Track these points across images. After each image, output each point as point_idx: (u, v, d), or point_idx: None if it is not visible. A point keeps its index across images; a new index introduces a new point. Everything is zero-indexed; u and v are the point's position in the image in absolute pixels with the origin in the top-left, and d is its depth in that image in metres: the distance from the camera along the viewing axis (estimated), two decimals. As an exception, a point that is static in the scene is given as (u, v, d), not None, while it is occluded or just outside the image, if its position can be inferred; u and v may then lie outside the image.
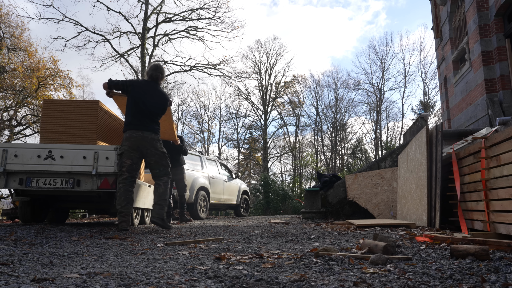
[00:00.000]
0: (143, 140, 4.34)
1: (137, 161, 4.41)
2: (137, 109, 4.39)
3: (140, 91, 4.43)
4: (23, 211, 5.28)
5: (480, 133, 5.17)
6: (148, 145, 4.37)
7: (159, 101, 4.52)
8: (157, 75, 4.57)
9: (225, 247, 3.06)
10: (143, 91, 4.44)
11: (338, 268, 2.03)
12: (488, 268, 1.88)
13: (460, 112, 10.48)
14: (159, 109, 4.52)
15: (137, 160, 4.40)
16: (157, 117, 4.53)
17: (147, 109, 4.40)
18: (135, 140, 4.33)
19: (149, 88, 4.49)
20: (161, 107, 4.55)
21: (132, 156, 4.35)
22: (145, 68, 19.25)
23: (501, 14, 8.22)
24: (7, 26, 19.78)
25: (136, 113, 4.39)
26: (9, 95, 19.96)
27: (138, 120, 4.37)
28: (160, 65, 4.66)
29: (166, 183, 4.43)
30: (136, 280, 1.75)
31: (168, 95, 4.71)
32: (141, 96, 4.40)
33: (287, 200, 17.63)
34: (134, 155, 4.36)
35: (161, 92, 4.61)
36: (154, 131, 4.42)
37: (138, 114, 4.38)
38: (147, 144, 4.36)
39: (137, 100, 4.39)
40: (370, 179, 6.59)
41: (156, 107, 4.49)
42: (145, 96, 4.41)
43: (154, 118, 4.49)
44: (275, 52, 32.63)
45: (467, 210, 3.80)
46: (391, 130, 31.32)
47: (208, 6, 19.56)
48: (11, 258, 2.36)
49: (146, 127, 4.37)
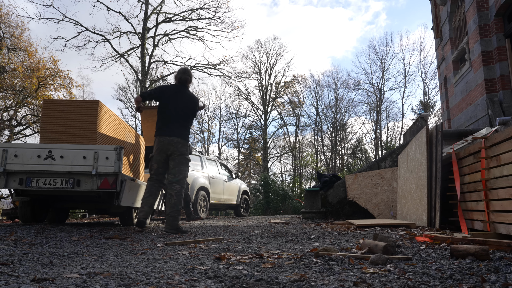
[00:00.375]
0: (169, 144, 4.45)
1: (163, 165, 4.56)
2: (166, 115, 4.50)
3: (169, 96, 4.52)
4: (23, 211, 5.28)
5: (480, 133, 5.17)
6: (173, 148, 4.45)
7: (188, 104, 4.58)
8: (185, 78, 4.65)
9: (225, 247, 3.06)
10: (172, 95, 4.53)
11: (338, 268, 2.03)
12: (488, 268, 1.88)
13: (460, 112, 10.48)
14: (188, 112, 4.57)
15: (163, 164, 4.55)
16: (186, 121, 4.57)
17: (176, 114, 4.49)
18: (162, 144, 4.47)
19: (178, 92, 4.57)
20: (191, 109, 4.60)
21: (158, 161, 4.53)
22: (145, 68, 19.24)
23: (501, 14, 8.21)
24: (7, 26, 19.78)
25: (164, 118, 4.50)
26: (9, 95, 19.96)
27: (167, 126, 4.48)
28: (188, 69, 4.78)
29: (178, 193, 4.39)
30: (136, 280, 1.75)
31: (197, 98, 4.77)
32: (170, 101, 4.49)
33: (287, 200, 17.63)
34: (160, 159, 4.52)
35: (190, 95, 4.68)
36: (181, 136, 4.48)
37: (166, 120, 4.49)
38: (172, 147, 4.45)
39: (166, 105, 4.50)
40: (370, 179, 6.59)
41: (185, 111, 4.55)
42: (175, 101, 4.50)
43: (184, 123, 4.55)
44: (275, 52, 32.66)
45: (467, 210, 3.80)
46: (391, 130, 31.33)
47: (208, 6, 19.57)
48: (11, 258, 2.36)
49: (173, 132, 4.45)
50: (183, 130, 4.53)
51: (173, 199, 4.38)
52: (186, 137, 4.55)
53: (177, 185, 4.41)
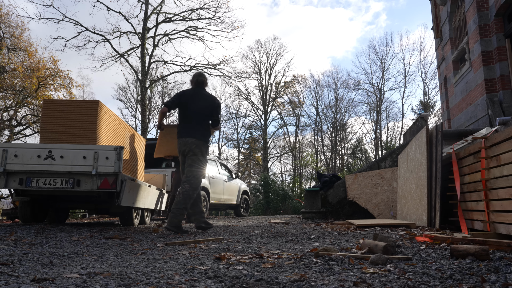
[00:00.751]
0: (185, 145, 4.49)
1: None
2: (185, 117, 4.56)
3: (187, 99, 4.58)
4: (23, 211, 5.28)
5: (480, 133, 5.17)
6: (187, 149, 4.49)
7: (207, 103, 4.60)
8: (201, 80, 4.74)
9: (225, 247, 3.06)
10: (189, 98, 4.59)
11: (338, 268, 2.03)
12: (488, 268, 1.88)
13: (460, 112, 10.48)
14: (207, 111, 4.59)
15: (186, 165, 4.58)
16: (205, 121, 4.59)
17: (194, 115, 4.52)
18: (180, 146, 4.54)
19: (195, 94, 4.62)
20: (210, 108, 4.62)
21: (182, 163, 4.60)
22: (145, 68, 19.24)
23: (501, 14, 8.21)
24: (7, 26, 19.78)
25: (184, 121, 4.56)
26: (9, 95, 19.95)
27: (185, 128, 4.53)
28: (202, 72, 4.92)
29: (185, 192, 4.39)
30: (136, 280, 1.75)
31: (215, 97, 4.80)
32: (188, 103, 4.55)
33: (287, 200, 17.63)
34: (182, 160, 4.59)
35: (208, 95, 4.72)
36: (196, 137, 4.49)
37: (185, 122, 4.55)
38: (186, 148, 4.49)
39: (185, 108, 4.55)
40: (370, 179, 6.59)
41: (204, 111, 4.57)
42: (193, 102, 4.55)
43: (202, 122, 4.56)
44: (275, 52, 32.67)
45: (467, 210, 3.80)
46: (391, 130, 31.33)
47: (208, 6, 19.56)
48: (11, 258, 2.36)
49: (188, 134, 4.48)
50: (201, 130, 4.53)
51: (179, 196, 4.39)
52: (203, 137, 4.54)
53: (186, 184, 4.42)
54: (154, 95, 30.87)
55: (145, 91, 19.42)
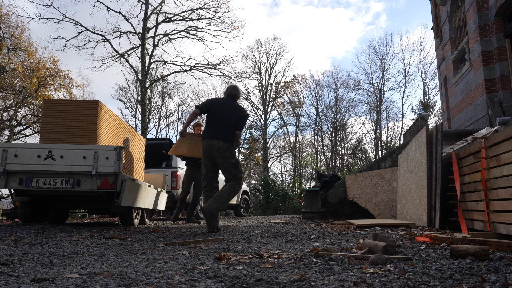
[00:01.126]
0: (212, 148, 4.46)
1: (211, 169, 4.57)
2: (212, 121, 4.56)
3: (217, 104, 4.61)
4: (23, 211, 5.28)
5: (480, 133, 5.16)
6: (216, 153, 4.46)
7: (233, 112, 4.61)
8: (234, 93, 4.78)
9: (225, 247, 3.06)
10: (219, 104, 4.62)
11: (338, 268, 2.03)
12: (488, 268, 1.88)
13: (460, 112, 10.48)
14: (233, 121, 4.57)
15: (211, 168, 4.57)
16: (231, 129, 4.56)
17: (221, 120, 4.52)
18: (206, 148, 4.50)
19: (225, 103, 4.66)
20: (237, 118, 4.60)
21: (206, 165, 4.56)
22: (145, 68, 19.24)
23: (501, 14, 8.21)
24: (7, 26, 19.78)
25: (210, 124, 4.56)
26: (9, 95, 19.95)
27: (211, 129, 4.53)
28: (237, 86, 4.96)
29: (232, 186, 4.44)
30: (136, 280, 1.75)
31: (245, 110, 4.84)
32: (217, 109, 4.57)
33: (287, 200, 17.63)
34: (207, 163, 4.55)
35: (238, 106, 4.74)
36: (223, 139, 4.47)
37: (211, 124, 4.54)
38: (215, 152, 4.46)
39: (214, 113, 4.56)
40: (370, 179, 6.58)
41: (231, 119, 4.56)
42: (221, 109, 4.57)
43: (229, 129, 4.54)
44: (275, 52, 32.67)
45: (467, 210, 3.80)
46: (391, 130, 31.34)
47: (208, 6, 19.57)
48: (11, 258, 2.36)
49: (215, 135, 4.47)
50: (228, 134, 4.52)
51: (225, 187, 4.45)
52: (229, 141, 4.52)
53: (232, 182, 4.47)
54: (154, 95, 30.90)
55: (145, 91, 19.42)
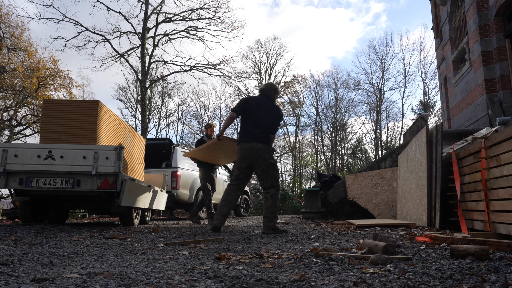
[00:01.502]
0: (250, 151, 4.41)
1: (245, 171, 4.54)
2: (247, 122, 4.50)
3: (253, 105, 4.54)
4: (23, 211, 5.28)
5: (480, 133, 5.16)
6: (255, 155, 4.41)
7: (270, 113, 4.56)
8: (270, 91, 4.70)
9: (225, 247, 3.06)
10: (255, 104, 4.55)
11: (338, 268, 2.03)
12: (488, 268, 1.88)
13: (460, 112, 10.48)
14: (270, 120, 4.53)
15: (244, 170, 4.53)
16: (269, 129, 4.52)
17: (258, 121, 4.47)
18: (243, 151, 4.45)
19: (261, 102, 4.58)
20: (273, 117, 4.56)
21: (240, 167, 4.52)
22: (145, 68, 19.24)
23: (501, 14, 8.21)
24: (7, 26, 19.78)
25: (246, 126, 4.50)
26: (9, 95, 19.95)
27: (248, 132, 4.47)
28: (274, 84, 4.88)
29: (273, 195, 4.39)
30: (136, 280, 1.75)
31: (280, 109, 4.78)
32: (252, 109, 4.51)
33: (287, 200, 17.64)
34: (242, 165, 4.51)
35: (274, 105, 4.68)
36: (262, 141, 4.43)
37: (248, 127, 4.48)
38: (254, 154, 4.41)
39: (250, 114, 4.50)
40: (370, 179, 6.58)
41: (267, 119, 4.52)
42: (257, 110, 4.51)
43: (266, 129, 4.50)
44: (275, 52, 32.67)
45: (467, 210, 3.80)
46: (391, 130, 31.34)
47: (208, 6, 19.57)
48: (11, 258, 2.36)
49: (254, 138, 4.42)
50: (265, 136, 4.47)
51: (268, 201, 4.38)
52: (267, 142, 4.48)
53: (271, 189, 4.41)
54: (154, 95, 30.90)
55: (145, 91, 19.42)
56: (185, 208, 9.36)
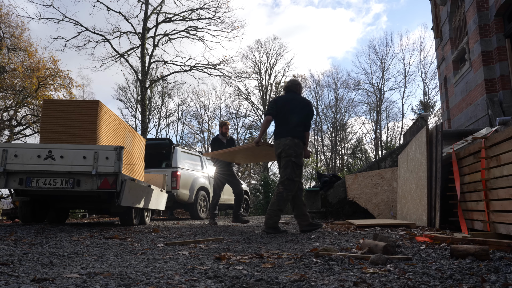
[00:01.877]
0: (278, 147, 4.44)
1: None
2: (279, 120, 4.52)
3: (283, 103, 4.56)
4: (23, 211, 5.28)
5: (480, 133, 5.16)
6: (280, 150, 4.41)
7: (300, 108, 4.55)
8: (295, 86, 4.72)
9: (225, 247, 3.06)
10: (285, 102, 4.56)
11: (338, 268, 2.03)
12: (488, 268, 1.88)
13: (460, 112, 10.48)
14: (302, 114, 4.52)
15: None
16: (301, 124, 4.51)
17: (289, 118, 4.47)
18: (275, 148, 4.48)
19: (289, 99, 4.60)
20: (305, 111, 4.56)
21: (279, 165, 4.54)
22: (145, 68, 19.24)
23: (501, 14, 8.21)
24: (7, 26, 19.77)
25: (280, 125, 4.52)
26: (9, 95, 19.94)
27: (279, 129, 4.50)
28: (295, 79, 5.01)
29: (279, 193, 4.35)
30: (136, 280, 1.75)
31: (310, 101, 4.79)
32: (283, 107, 4.52)
33: (287, 200, 17.58)
34: (278, 163, 4.53)
35: (302, 100, 4.69)
36: (292, 135, 4.40)
37: (281, 126, 4.50)
38: (279, 149, 4.43)
39: (280, 112, 4.51)
40: (370, 179, 6.58)
41: (299, 114, 4.51)
42: (287, 106, 4.51)
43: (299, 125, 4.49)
44: (275, 52, 32.66)
45: (467, 210, 3.80)
46: (391, 130, 31.34)
47: (208, 6, 19.56)
48: (11, 258, 2.36)
49: (284, 134, 4.42)
50: (298, 131, 4.45)
51: (273, 198, 4.38)
52: (299, 138, 4.44)
53: (280, 186, 4.38)
54: (154, 95, 30.90)
55: (145, 91, 19.42)
56: (185, 208, 9.37)
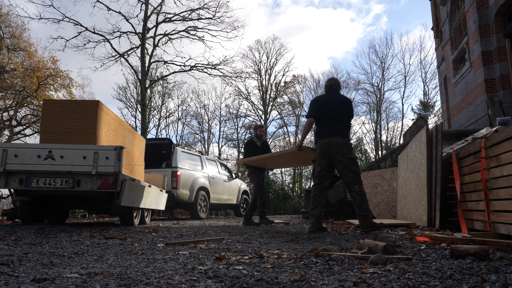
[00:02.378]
0: (329, 146, 4.37)
1: (326, 167, 4.46)
2: (322, 120, 4.48)
3: (324, 103, 4.52)
4: (23, 211, 5.28)
5: (480, 133, 5.16)
6: (334, 151, 4.36)
7: (342, 106, 4.53)
8: (331, 84, 4.69)
9: (225, 247, 3.06)
10: (326, 102, 4.53)
11: (338, 268, 2.03)
12: (488, 268, 1.88)
13: (460, 112, 10.48)
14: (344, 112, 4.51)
15: (326, 167, 4.46)
16: (345, 121, 4.50)
17: (332, 116, 4.44)
18: (322, 147, 4.41)
19: (329, 98, 4.57)
20: (347, 109, 4.55)
21: (321, 163, 4.46)
22: (145, 68, 19.23)
23: (501, 14, 8.21)
24: (7, 26, 19.76)
25: (322, 124, 4.48)
26: (9, 95, 19.94)
27: (324, 128, 4.45)
28: (333, 77, 4.89)
29: (359, 192, 4.29)
30: (136, 280, 1.75)
31: (350, 99, 4.78)
32: (325, 107, 4.49)
33: (287, 200, 17.64)
34: (323, 162, 4.45)
35: (342, 97, 4.68)
36: (341, 134, 4.39)
37: (323, 124, 4.46)
38: (333, 149, 4.36)
39: (322, 112, 4.47)
40: (370, 179, 6.58)
41: (342, 112, 4.49)
42: (330, 106, 4.48)
43: (342, 123, 4.48)
44: (275, 52, 32.63)
45: (467, 210, 3.80)
46: (391, 130, 31.30)
47: (208, 6, 19.55)
48: (11, 258, 2.36)
49: (332, 133, 4.38)
50: (343, 130, 4.45)
51: (357, 200, 4.28)
52: (346, 135, 4.46)
53: (355, 185, 4.31)
54: (154, 95, 30.88)
55: (145, 91, 19.42)
56: (185, 208, 9.37)
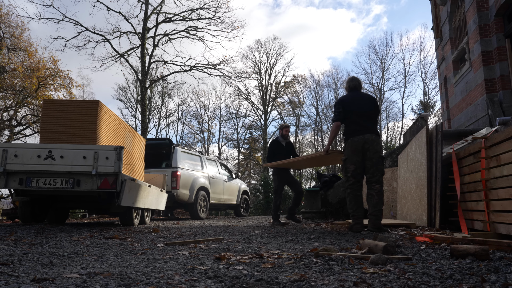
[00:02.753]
0: (365, 143, 4.30)
1: (360, 165, 4.35)
2: (352, 118, 4.41)
3: (350, 103, 4.48)
4: (23, 211, 5.28)
5: (480, 133, 5.16)
6: (369, 147, 4.30)
7: (368, 102, 4.51)
8: (354, 84, 4.66)
9: (225, 247, 3.06)
10: (352, 101, 4.49)
11: (338, 268, 2.03)
12: (488, 268, 1.88)
13: (460, 112, 10.48)
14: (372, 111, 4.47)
15: (359, 164, 4.35)
16: (373, 119, 4.48)
17: (361, 116, 4.39)
18: (357, 144, 4.31)
19: (355, 98, 4.54)
20: (372, 107, 4.51)
21: (354, 161, 4.34)
22: (145, 68, 19.23)
23: (501, 14, 8.21)
24: (7, 26, 19.76)
25: (352, 123, 4.40)
26: (9, 95, 19.93)
27: (357, 125, 4.36)
28: (354, 76, 4.85)
29: (379, 192, 4.23)
30: (136, 280, 1.75)
31: (375, 97, 4.73)
32: (351, 106, 4.44)
33: (287, 200, 17.61)
34: (356, 159, 4.33)
35: (367, 95, 4.66)
36: (375, 132, 4.37)
37: (354, 123, 4.40)
38: (368, 145, 4.30)
39: (350, 113, 4.42)
40: (370, 179, 6.58)
41: (369, 109, 4.45)
42: (356, 106, 4.44)
43: (374, 120, 4.46)
44: (275, 52, 32.64)
45: (467, 210, 3.80)
46: (391, 130, 31.32)
47: (208, 6, 19.54)
48: (11, 258, 2.36)
49: (366, 130, 4.33)
50: (374, 126, 4.42)
51: (374, 198, 4.23)
52: (378, 132, 4.43)
53: (377, 185, 4.25)
54: (154, 95, 30.88)
55: (145, 91, 19.41)
56: (185, 208, 9.37)
